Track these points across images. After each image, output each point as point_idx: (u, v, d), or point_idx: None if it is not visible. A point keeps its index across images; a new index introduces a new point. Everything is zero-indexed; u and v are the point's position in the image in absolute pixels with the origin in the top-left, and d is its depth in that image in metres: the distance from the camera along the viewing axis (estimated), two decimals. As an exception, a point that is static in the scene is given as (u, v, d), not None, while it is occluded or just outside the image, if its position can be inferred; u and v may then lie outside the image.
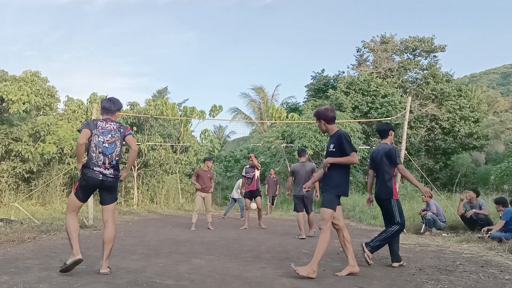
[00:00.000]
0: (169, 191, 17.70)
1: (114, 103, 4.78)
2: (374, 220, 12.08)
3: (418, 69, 25.16)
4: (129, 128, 4.78)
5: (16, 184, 14.07)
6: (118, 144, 4.59)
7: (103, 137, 4.52)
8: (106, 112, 4.74)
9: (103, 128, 4.57)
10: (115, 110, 4.78)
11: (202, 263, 5.46)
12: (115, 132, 4.60)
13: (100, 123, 4.61)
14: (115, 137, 4.58)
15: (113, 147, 4.55)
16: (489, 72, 68.02)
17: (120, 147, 4.62)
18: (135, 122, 16.65)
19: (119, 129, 4.63)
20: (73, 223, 4.57)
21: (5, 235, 7.03)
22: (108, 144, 4.52)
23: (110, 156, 4.52)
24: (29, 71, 15.11)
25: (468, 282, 4.66)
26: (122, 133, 4.63)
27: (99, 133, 4.53)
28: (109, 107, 4.73)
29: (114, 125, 4.63)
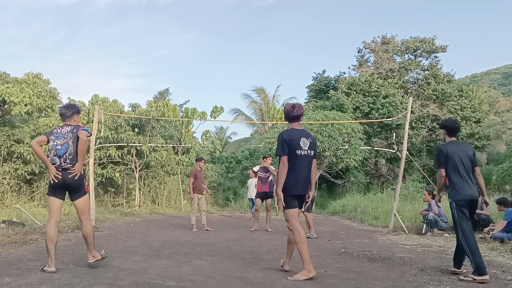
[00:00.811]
0: (170, 192, 17.70)
1: (68, 108, 5.11)
2: (376, 220, 12.07)
3: (419, 69, 25.12)
4: (84, 126, 5.04)
5: (18, 185, 14.10)
6: (70, 143, 4.85)
7: (57, 140, 4.87)
8: (63, 119, 5.09)
9: (57, 133, 4.94)
10: (72, 115, 5.06)
11: (204, 264, 5.47)
12: (67, 133, 4.90)
13: (55, 130, 5.00)
14: (67, 137, 4.87)
15: (66, 147, 4.83)
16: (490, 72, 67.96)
17: (73, 146, 4.84)
18: (136, 124, 16.67)
19: (72, 130, 4.92)
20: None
21: (7, 237, 7.05)
22: (60, 146, 4.84)
23: (64, 157, 4.81)
24: (31, 73, 15.14)
25: (470, 282, 4.66)
26: (74, 133, 4.89)
27: (54, 137, 4.90)
28: (64, 113, 5.06)
29: (68, 128, 4.96)
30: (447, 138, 5.30)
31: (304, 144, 4.78)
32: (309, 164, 4.82)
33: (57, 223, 4.88)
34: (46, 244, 4.75)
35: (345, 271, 5.22)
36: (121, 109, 17.83)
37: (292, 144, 4.72)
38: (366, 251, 6.99)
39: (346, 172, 20.40)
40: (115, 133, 15.75)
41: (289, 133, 4.82)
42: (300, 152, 4.74)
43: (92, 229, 5.02)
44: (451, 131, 5.29)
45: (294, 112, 4.89)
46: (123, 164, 15.99)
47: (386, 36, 25.44)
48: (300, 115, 4.93)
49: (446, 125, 5.35)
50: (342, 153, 17.69)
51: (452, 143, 5.21)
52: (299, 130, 4.91)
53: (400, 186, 10.88)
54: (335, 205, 17.13)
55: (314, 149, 4.89)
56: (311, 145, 4.85)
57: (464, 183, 4.99)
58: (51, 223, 4.80)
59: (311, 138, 4.91)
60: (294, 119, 4.93)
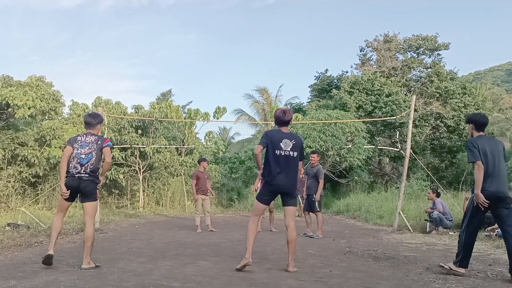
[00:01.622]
0: (174, 194, 17.71)
1: (93, 117, 5.37)
2: (380, 219, 12.04)
3: (422, 67, 25.01)
4: (108, 140, 5.26)
5: (22, 188, 14.14)
6: (94, 154, 5.11)
7: (82, 149, 5.11)
8: (88, 127, 5.33)
9: (81, 141, 5.17)
10: (96, 124, 5.34)
11: (208, 265, 5.47)
12: (92, 144, 5.15)
13: (80, 137, 5.22)
14: (92, 148, 5.12)
15: (89, 157, 5.09)
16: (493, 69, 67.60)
17: (96, 157, 5.13)
18: (140, 125, 16.68)
19: (96, 141, 5.17)
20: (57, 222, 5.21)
21: (12, 240, 7.07)
22: (84, 155, 5.09)
23: (86, 165, 5.08)
24: (34, 76, 15.19)
25: (476, 280, 4.64)
26: (99, 144, 5.16)
27: (78, 146, 5.13)
28: (90, 121, 5.31)
29: (93, 137, 5.20)
30: (475, 133, 5.07)
31: (285, 145, 5.04)
32: (290, 164, 5.05)
33: (63, 217, 5.31)
34: (50, 231, 5.18)
35: (350, 270, 5.21)
36: (124, 111, 17.85)
37: (272, 143, 5.04)
38: (371, 250, 6.97)
39: (349, 171, 20.35)
40: (118, 135, 15.78)
41: (273, 133, 5.16)
42: (279, 152, 5.02)
43: (93, 234, 5.11)
44: (480, 126, 5.08)
45: (285, 118, 5.18)
46: (127, 165, 16.02)
47: (388, 34, 25.36)
48: (290, 120, 5.21)
49: (474, 119, 5.14)
50: (346, 152, 17.65)
51: (481, 137, 5.00)
52: (285, 133, 5.17)
53: (404, 184, 10.84)
54: (339, 204, 17.09)
55: (299, 151, 5.11)
56: (294, 147, 5.09)
57: (494, 179, 4.78)
58: (58, 215, 5.23)
59: (295, 140, 5.15)
60: (284, 123, 5.21)
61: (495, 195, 4.76)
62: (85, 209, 5.16)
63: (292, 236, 5.09)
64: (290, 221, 5.13)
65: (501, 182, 4.82)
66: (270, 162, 5.05)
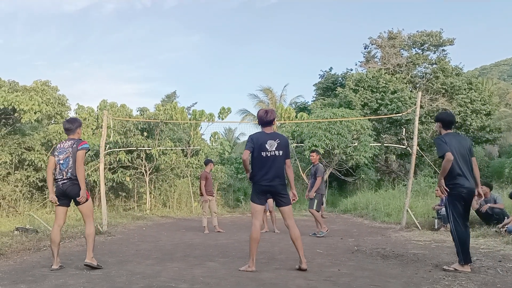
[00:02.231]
0: (181, 195, 17.74)
1: (72, 122, 5.46)
2: (388, 217, 11.99)
3: (427, 63, 24.88)
4: (84, 142, 5.34)
5: (30, 193, 14.22)
6: (70, 158, 5.24)
7: (60, 155, 5.29)
8: (68, 133, 5.47)
9: (60, 148, 5.36)
10: (75, 128, 5.44)
11: (216, 266, 5.47)
12: (68, 148, 5.30)
13: (58, 146, 5.42)
14: (67, 152, 5.27)
15: (67, 161, 5.24)
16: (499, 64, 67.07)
17: (72, 161, 5.24)
18: (145, 128, 16.73)
19: (72, 145, 5.30)
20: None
21: (21, 244, 7.11)
22: (63, 161, 5.26)
23: (66, 170, 5.22)
24: (39, 80, 15.26)
25: (486, 277, 4.60)
26: (74, 148, 5.27)
27: (57, 153, 5.32)
28: (69, 127, 5.42)
29: (69, 142, 5.34)
30: (442, 131, 5.30)
31: (270, 146, 5.13)
32: (276, 164, 5.12)
33: (60, 227, 5.38)
34: (50, 245, 5.29)
35: (359, 269, 5.18)
36: (129, 114, 17.92)
37: (258, 146, 5.13)
38: (379, 248, 6.94)
39: (356, 170, 20.30)
40: (124, 137, 15.83)
41: (257, 136, 5.23)
42: (265, 154, 5.10)
43: (93, 232, 5.30)
44: (447, 124, 5.29)
45: (267, 118, 5.25)
46: (133, 168, 16.06)
47: (392, 31, 25.25)
48: (272, 120, 5.28)
49: (442, 118, 5.36)
50: (352, 150, 17.60)
51: (449, 134, 5.21)
52: (269, 133, 5.25)
53: (412, 181, 10.79)
54: (346, 203, 17.05)
55: (284, 149, 5.18)
56: (279, 146, 5.14)
57: (463, 174, 5.01)
58: (54, 227, 5.35)
59: (280, 139, 5.20)
60: (267, 124, 5.29)
61: (471, 190, 5.04)
62: (81, 211, 5.39)
63: (295, 234, 5.13)
64: (289, 220, 5.18)
65: (469, 176, 5.08)
66: (257, 164, 5.14)
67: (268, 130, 5.29)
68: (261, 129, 5.36)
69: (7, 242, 7.23)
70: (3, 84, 14.07)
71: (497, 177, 20.52)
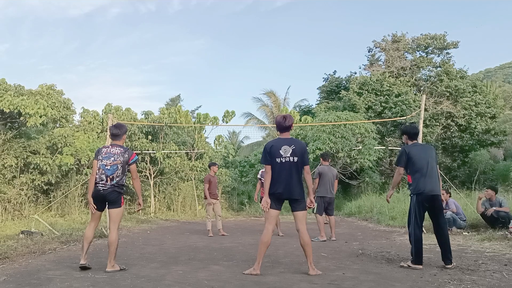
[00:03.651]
0: (185, 198, 17.75)
1: (119, 128, 5.45)
2: (393, 221, 11.95)
3: (431, 66, 24.83)
4: (134, 155, 5.36)
5: (35, 196, 14.27)
6: (119, 167, 5.23)
7: (106, 160, 5.23)
8: (114, 138, 5.46)
9: (106, 152, 5.29)
10: (122, 134, 5.44)
11: (221, 269, 5.47)
12: (117, 155, 5.26)
13: (104, 149, 5.35)
14: (117, 160, 5.23)
15: (114, 169, 5.21)
16: (504, 66, 66.74)
17: (121, 170, 5.25)
18: (150, 131, 16.77)
19: (123, 154, 5.28)
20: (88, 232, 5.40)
21: (26, 247, 7.13)
22: (110, 166, 5.21)
23: (112, 177, 5.21)
24: (44, 84, 15.33)
25: (492, 281, 4.57)
26: (125, 158, 5.28)
27: (102, 157, 5.26)
28: (117, 133, 5.41)
29: (118, 149, 5.30)
30: (408, 141, 5.83)
31: (285, 151, 5.08)
32: (292, 170, 5.07)
33: (95, 226, 5.48)
34: (82, 241, 5.39)
35: (364, 272, 5.17)
36: (134, 117, 17.96)
37: (272, 152, 5.10)
38: (384, 252, 6.92)
39: (360, 173, 20.24)
40: (129, 141, 15.88)
41: (271, 143, 5.23)
42: (280, 160, 5.06)
43: (117, 238, 5.25)
44: (412, 136, 5.84)
45: (286, 123, 5.20)
46: (138, 171, 16.06)
47: (396, 34, 25.23)
48: (290, 125, 5.23)
49: (407, 131, 5.89)
50: (356, 153, 17.57)
51: (414, 145, 5.78)
52: (284, 139, 5.20)
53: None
54: (350, 206, 17.00)
55: (299, 156, 5.12)
56: (293, 152, 5.09)
57: (426, 179, 5.47)
58: (90, 225, 5.42)
59: (295, 145, 5.14)
60: (285, 129, 5.23)
61: (429, 194, 5.47)
62: (110, 215, 5.40)
63: (305, 240, 5.08)
64: (300, 225, 5.14)
65: (433, 182, 5.53)
66: (272, 171, 5.11)
67: (285, 135, 5.24)
68: (279, 134, 5.32)
69: (12, 245, 7.26)
70: (9, 88, 14.15)
71: (502, 180, 20.42)
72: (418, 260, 5.39)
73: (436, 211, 5.57)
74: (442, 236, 5.52)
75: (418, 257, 5.40)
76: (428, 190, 5.46)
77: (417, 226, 5.49)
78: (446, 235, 5.54)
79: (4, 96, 13.29)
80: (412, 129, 5.91)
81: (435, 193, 5.52)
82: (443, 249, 5.49)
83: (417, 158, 5.53)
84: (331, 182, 9.02)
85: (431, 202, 5.51)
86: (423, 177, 5.48)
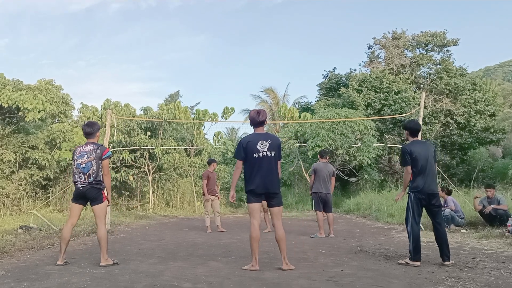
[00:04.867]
0: (184, 194, 17.76)
1: (91, 126, 5.53)
2: (391, 218, 11.96)
3: (431, 64, 24.79)
4: (107, 150, 5.42)
5: (34, 191, 14.27)
6: (93, 163, 5.31)
7: (81, 159, 5.33)
8: (87, 136, 5.55)
9: (80, 152, 5.39)
10: (95, 132, 5.53)
11: (219, 266, 5.47)
12: (90, 152, 5.34)
13: (78, 149, 5.45)
14: (90, 157, 5.32)
15: (89, 166, 5.29)
16: (504, 64, 66.69)
17: (96, 166, 5.32)
18: (149, 127, 16.76)
19: (95, 150, 5.36)
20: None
21: (25, 242, 7.13)
22: (84, 164, 5.30)
23: (88, 174, 5.29)
24: (43, 79, 15.31)
25: (490, 278, 4.58)
26: (98, 154, 5.35)
27: (77, 157, 5.37)
28: (89, 131, 5.51)
29: (90, 147, 5.39)
30: (410, 138, 5.82)
31: (262, 146, 5.13)
32: (268, 165, 5.13)
33: (73, 225, 5.53)
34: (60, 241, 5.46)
35: (362, 269, 5.18)
36: (133, 113, 17.95)
37: (248, 148, 5.14)
38: (382, 249, 6.93)
39: (359, 170, 20.25)
40: (127, 136, 15.86)
41: (247, 138, 5.28)
42: (257, 155, 5.11)
43: (105, 233, 5.38)
44: (413, 132, 5.81)
45: (260, 118, 5.26)
46: (137, 167, 16.10)
47: (396, 31, 25.18)
48: (264, 120, 5.29)
49: (410, 127, 5.85)
50: (355, 150, 17.56)
51: (415, 142, 5.75)
52: (260, 134, 5.28)
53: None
54: (349, 203, 17.02)
55: (275, 150, 5.18)
56: (270, 146, 5.14)
57: (424, 177, 5.52)
58: (67, 224, 5.48)
59: (272, 140, 5.22)
60: (259, 124, 5.30)
61: (427, 192, 5.52)
62: (94, 212, 5.47)
63: (280, 235, 5.19)
64: (276, 221, 5.24)
65: (431, 180, 5.59)
66: (249, 166, 5.16)
67: (259, 131, 5.33)
68: (254, 130, 5.36)
69: (10, 240, 7.26)
70: (8, 83, 14.11)
71: (501, 178, 20.45)
72: (416, 257, 5.44)
73: (433, 208, 5.62)
74: (440, 233, 5.56)
75: (416, 254, 5.45)
76: (427, 188, 5.51)
77: (415, 223, 5.55)
78: (444, 232, 5.57)
79: (3, 91, 13.26)
80: (415, 125, 5.89)
81: (432, 191, 5.57)
82: (440, 246, 5.53)
83: (418, 156, 5.55)
84: (327, 178, 8.98)
85: (428, 200, 5.56)
86: (422, 175, 5.52)
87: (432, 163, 5.63)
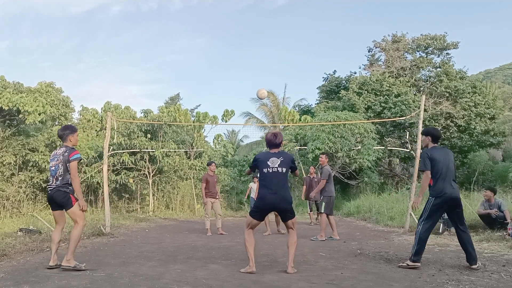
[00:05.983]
0: (184, 197, 17.76)
1: (63, 130, 5.49)
2: (391, 221, 11.94)
3: (431, 67, 24.83)
4: (75, 153, 5.33)
5: (34, 194, 14.27)
6: (60, 166, 5.26)
7: (52, 162, 5.37)
8: (62, 140, 5.51)
9: (53, 155, 5.43)
10: (66, 136, 5.43)
11: (219, 268, 5.46)
12: (59, 155, 5.32)
13: (53, 152, 5.49)
14: (58, 159, 5.30)
15: (56, 168, 5.27)
16: (504, 67, 66.74)
17: (62, 168, 5.26)
18: (149, 129, 16.77)
19: (63, 153, 5.32)
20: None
21: (25, 245, 7.12)
22: (54, 167, 5.31)
23: (56, 177, 5.27)
24: (43, 82, 15.33)
25: (490, 282, 4.57)
26: (65, 156, 5.29)
27: (50, 160, 5.43)
28: (61, 135, 5.47)
29: (61, 150, 5.38)
30: (430, 144, 5.79)
31: (272, 162, 5.22)
32: (279, 180, 5.18)
33: (62, 228, 5.51)
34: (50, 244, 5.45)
35: (362, 272, 5.17)
36: (133, 115, 17.97)
37: (259, 163, 5.27)
38: (382, 252, 6.92)
39: (359, 173, 20.26)
40: (128, 139, 15.87)
41: (261, 155, 5.43)
42: (266, 170, 5.20)
43: (78, 234, 5.28)
44: (435, 138, 5.80)
45: (276, 141, 5.36)
46: (137, 170, 16.10)
47: (396, 34, 25.23)
48: (280, 142, 5.40)
49: (432, 133, 5.85)
50: (355, 153, 17.56)
51: (436, 148, 5.74)
52: (273, 152, 5.35)
53: (415, 185, 10.74)
54: (349, 206, 17.00)
55: (287, 166, 5.26)
56: (282, 163, 5.22)
57: (446, 182, 5.50)
58: (56, 228, 5.51)
59: (283, 157, 5.30)
60: (275, 146, 5.38)
61: (450, 197, 5.47)
62: (69, 216, 5.43)
63: (291, 241, 5.24)
64: (290, 228, 5.32)
65: (453, 185, 5.56)
66: (261, 181, 5.27)
67: (274, 151, 5.38)
68: (269, 150, 5.43)
69: (10, 243, 7.25)
70: (8, 86, 14.14)
71: (501, 182, 20.44)
72: (416, 258, 5.45)
73: (456, 213, 5.60)
74: (467, 238, 5.52)
75: (417, 256, 5.45)
76: (450, 193, 5.48)
77: (427, 227, 5.52)
78: (470, 237, 5.56)
79: (3, 93, 13.29)
80: (437, 132, 5.91)
81: (455, 195, 5.55)
82: (467, 251, 5.47)
83: (439, 161, 5.54)
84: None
85: (451, 205, 5.54)
86: (443, 180, 5.51)
87: (452, 168, 5.63)
